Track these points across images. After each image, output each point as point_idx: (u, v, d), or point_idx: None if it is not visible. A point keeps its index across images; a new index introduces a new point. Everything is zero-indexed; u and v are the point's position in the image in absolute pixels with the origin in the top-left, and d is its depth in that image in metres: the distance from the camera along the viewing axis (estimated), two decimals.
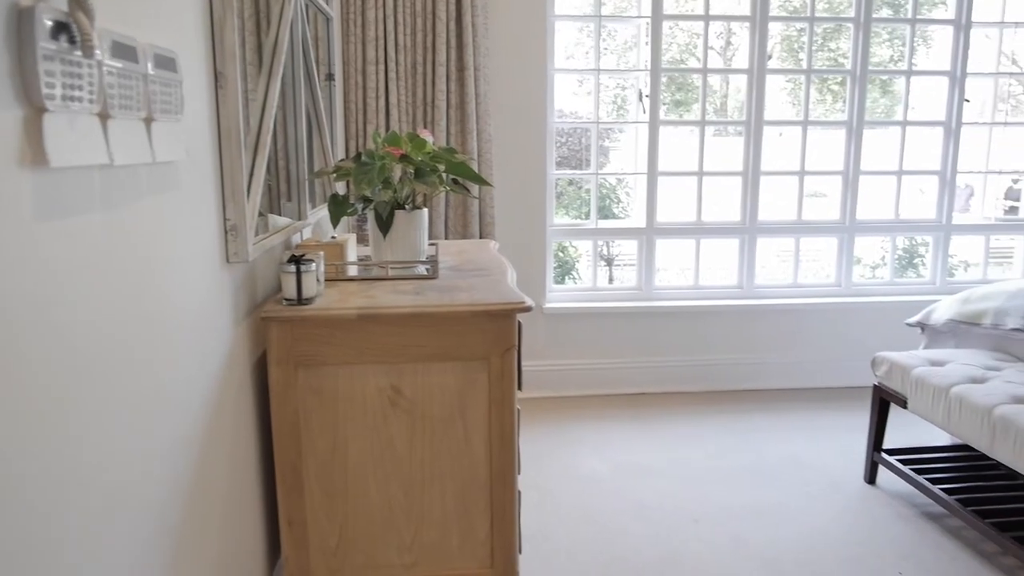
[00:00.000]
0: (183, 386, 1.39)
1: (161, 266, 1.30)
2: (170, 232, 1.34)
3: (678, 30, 6.02)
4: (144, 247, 1.23)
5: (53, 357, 0.96)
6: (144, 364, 1.22)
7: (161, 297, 1.30)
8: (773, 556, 2.47)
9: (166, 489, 1.31)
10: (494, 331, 1.84)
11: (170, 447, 1.33)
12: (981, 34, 4.10)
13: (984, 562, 2.44)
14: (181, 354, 1.38)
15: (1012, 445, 2.30)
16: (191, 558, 1.42)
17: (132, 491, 1.18)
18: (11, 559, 0.88)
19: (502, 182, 3.76)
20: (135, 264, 1.20)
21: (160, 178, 1.30)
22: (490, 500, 1.95)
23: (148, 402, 1.24)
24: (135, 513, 1.19)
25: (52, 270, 0.97)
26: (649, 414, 3.72)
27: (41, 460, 0.94)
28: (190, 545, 1.41)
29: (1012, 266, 4.42)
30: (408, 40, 3.45)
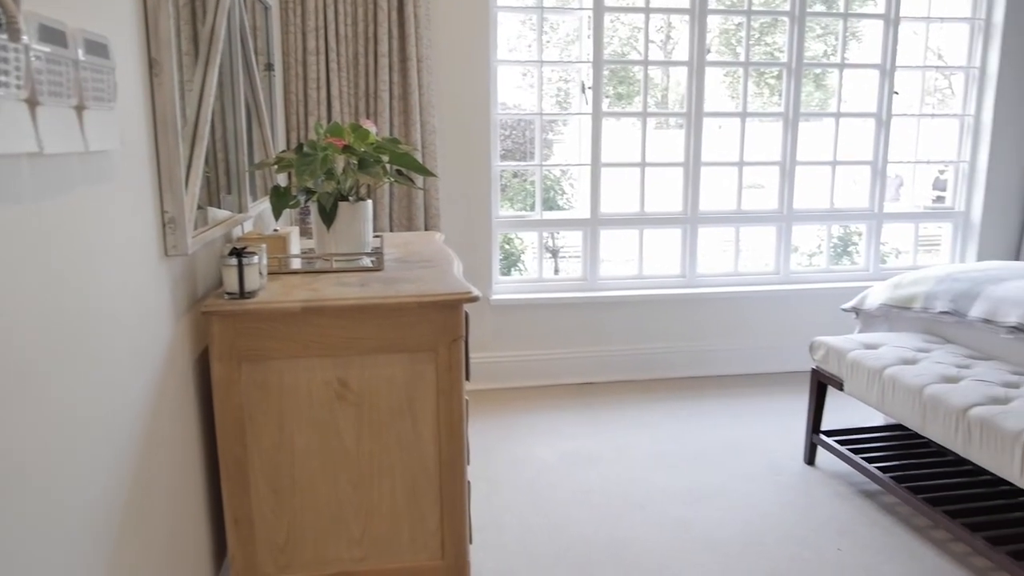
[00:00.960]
0: (120, 383, 1.35)
1: (95, 259, 1.26)
2: (105, 224, 1.30)
3: (619, 23, 6.08)
4: (77, 240, 1.19)
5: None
6: (77, 361, 1.19)
7: (96, 292, 1.26)
8: (718, 538, 2.53)
9: (103, 489, 1.27)
10: (441, 322, 1.84)
11: (106, 446, 1.29)
12: (909, 29, 4.25)
13: (917, 535, 2.54)
14: (117, 350, 1.34)
15: (942, 423, 2.39)
16: (132, 559, 1.38)
17: (65, 493, 1.14)
18: None
19: (447, 174, 3.75)
20: (67, 257, 1.16)
21: (93, 168, 1.26)
22: (440, 491, 1.95)
23: (81, 400, 1.20)
24: (69, 515, 1.15)
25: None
26: (596, 403, 3.76)
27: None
28: (131, 546, 1.38)
29: (940, 252, 4.60)
30: (350, 30, 3.41)
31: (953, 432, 2.34)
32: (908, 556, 2.42)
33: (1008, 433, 2.14)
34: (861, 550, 2.45)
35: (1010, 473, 2.15)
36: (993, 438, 2.19)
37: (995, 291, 2.74)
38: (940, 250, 4.61)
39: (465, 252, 3.83)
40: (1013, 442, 2.12)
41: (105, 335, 1.29)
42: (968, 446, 2.29)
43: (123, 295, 1.37)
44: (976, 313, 2.75)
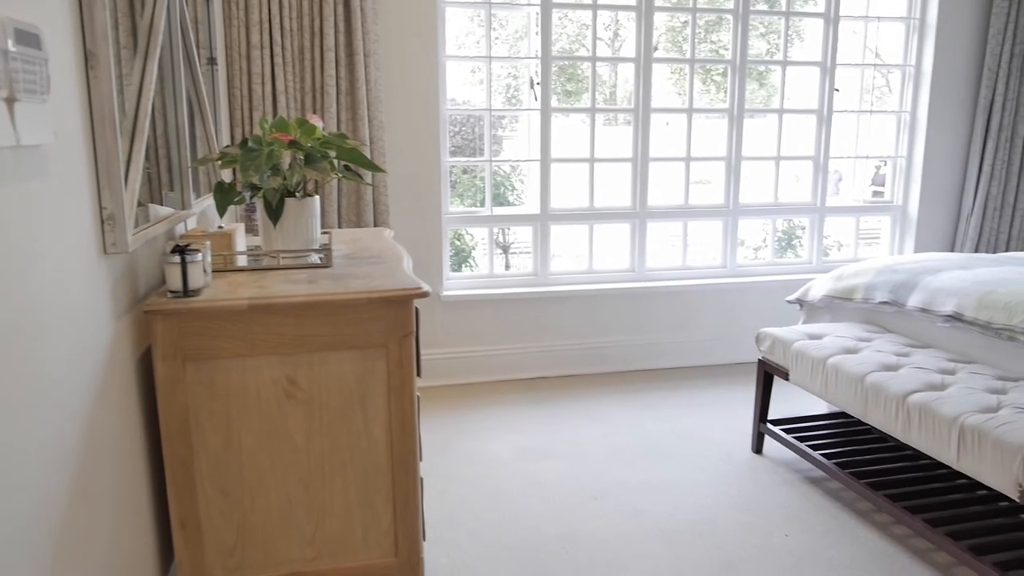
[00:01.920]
0: (56, 385, 1.31)
1: (28, 258, 1.22)
2: (38, 221, 1.26)
3: (568, 20, 6.11)
4: (7, 237, 1.15)
5: None
6: (9, 362, 1.14)
7: (28, 291, 1.21)
8: (670, 527, 2.57)
9: (38, 498, 1.23)
10: (391, 318, 1.82)
11: (44, 451, 1.25)
12: (848, 28, 4.36)
13: (861, 519, 2.61)
14: (53, 351, 1.30)
15: (883, 410, 2.47)
16: (74, 566, 1.34)
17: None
18: None
19: (396, 170, 3.72)
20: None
21: (26, 163, 1.21)
22: (392, 489, 1.93)
23: (12, 404, 1.16)
24: (2, 523, 1.11)
25: None
26: (548, 397, 3.78)
27: None
28: (71, 556, 1.33)
29: (880, 244, 4.74)
30: (295, 24, 3.35)
31: (893, 418, 2.42)
32: (852, 540, 2.49)
33: (945, 418, 2.22)
34: (808, 535, 2.51)
35: (947, 456, 2.22)
36: (931, 423, 2.27)
37: (931, 282, 2.83)
38: (880, 243, 4.74)
39: (415, 248, 3.81)
40: (949, 427, 2.20)
41: (39, 336, 1.24)
42: (908, 431, 2.37)
43: (59, 294, 1.33)
44: (914, 303, 2.84)
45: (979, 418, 2.14)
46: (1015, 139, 4.35)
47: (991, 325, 2.53)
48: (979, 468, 2.12)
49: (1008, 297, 2.54)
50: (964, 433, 2.15)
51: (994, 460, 2.06)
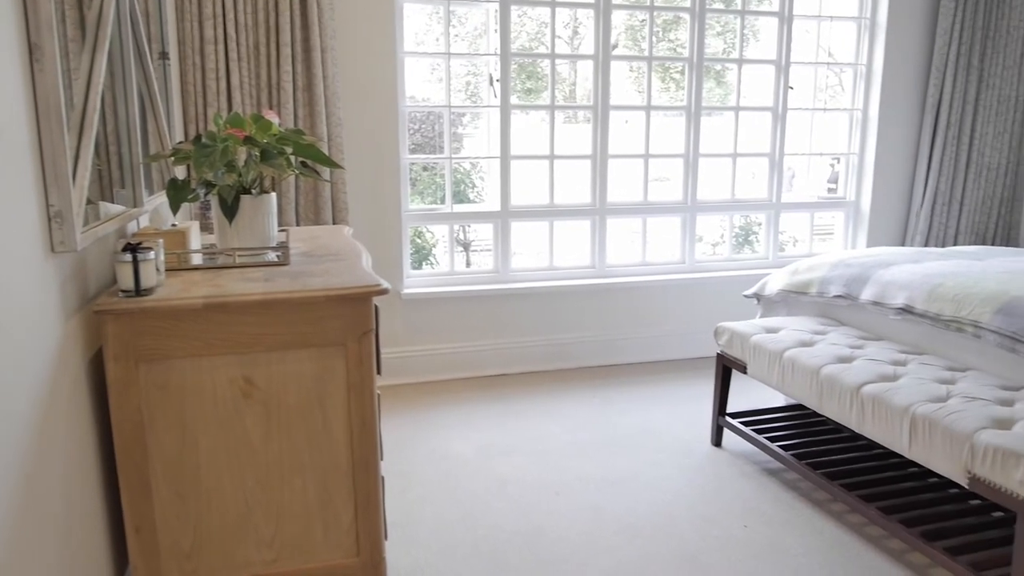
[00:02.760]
0: (1, 388, 1.27)
1: None
2: None
3: (527, 18, 6.11)
4: None
5: None
6: None
7: None
8: (631, 521, 2.59)
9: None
10: (350, 315, 1.81)
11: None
12: (802, 27, 4.43)
13: (817, 509, 2.66)
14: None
15: (837, 401, 2.52)
16: (21, 575, 1.30)
17: None
18: None
19: (355, 167, 3.69)
20: None
21: None
22: (353, 488, 1.91)
23: None
24: None
25: None
26: (510, 394, 3.78)
27: None
28: (19, 560, 1.29)
29: (833, 239, 4.83)
30: (249, 19, 3.30)
31: (848, 409, 2.47)
32: (809, 529, 2.53)
33: (897, 408, 2.27)
34: (766, 526, 2.56)
35: (899, 445, 2.28)
36: (883, 413, 2.32)
37: (883, 275, 2.90)
38: (834, 238, 4.84)
39: (375, 246, 3.78)
40: (901, 416, 2.25)
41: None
42: (861, 422, 2.42)
43: (3, 294, 1.29)
44: (867, 296, 2.90)
45: (929, 408, 2.20)
46: (962, 136, 4.47)
47: (940, 317, 2.59)
48: (930, 456, 2.17)
49: (956, 290, 2.61)
50: (915, 422, 2.20)
51: (944, 448, 2.11)
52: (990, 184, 4.59)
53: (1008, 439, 1.98)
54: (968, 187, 4.53)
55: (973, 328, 2.48)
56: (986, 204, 4.62)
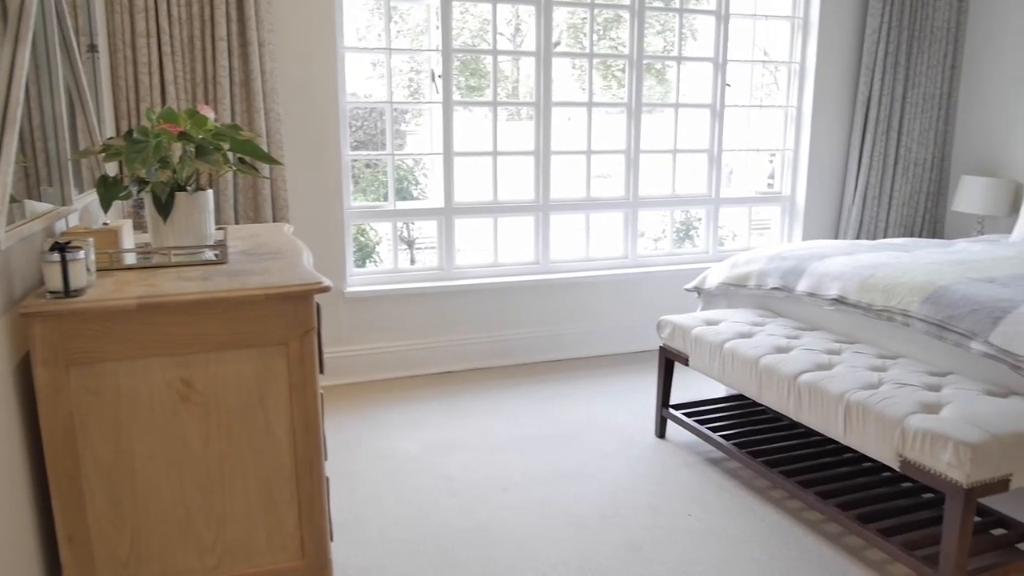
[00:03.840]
0: None
1: None
2: None
3: (469, 16, 6.10)
4: None
5: None
6: None
7: None
8: (578, 514, 2.61)
9: None
10: (291, 314, 1.78)
11: None
12: (739, 26, 4.52)
13: (758, 496, 2.73)
14: None
15: (775, 390, 2.58)
16: None
17: None
18: None
19: (295, 164, 3.63)
20: None
21: None
22: (297, 490, 1.88)
23: None
24: None
25: None
26: (456, 391, 3.77)
27: None
28: None
29: (771, 233, 4.95)
30: (183, 11, 3.21)
31: (785, 398, 2.53)
32: (751, 516, 2.59)
33: (832, 396, 2.34)
34: (709, 514, 2.61)
35: (835, 432, 2.35)
36: (820, 401, 2.39)
37: (818, 267, 2.98)
38: (771, 231, 4.96)
39: (317, 244, 3.73)
40: (836, 403, 2.32)
41: None
42: (799, 410, 2.49)
43: None
44: (802, 288, 2.98)
45: (862, 394, 2.27)
46: (890, 133, 4.62)
47: (872, 307, 2.68)
48: (863, 441, 2.24)
49: (886, 280, 2.70)
50: (849, 409, 2.28)
51: (876, 433, 2.19)
52: (917, 179, 4.76)
53: (936, 423, 2.06)
54: (897, 182, 4.69)
55: (902, 317, 2.57)
56: (913, 198, 4.79)
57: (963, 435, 1.98)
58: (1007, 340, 2.25)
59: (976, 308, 2.39)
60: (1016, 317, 2.28)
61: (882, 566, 2.31)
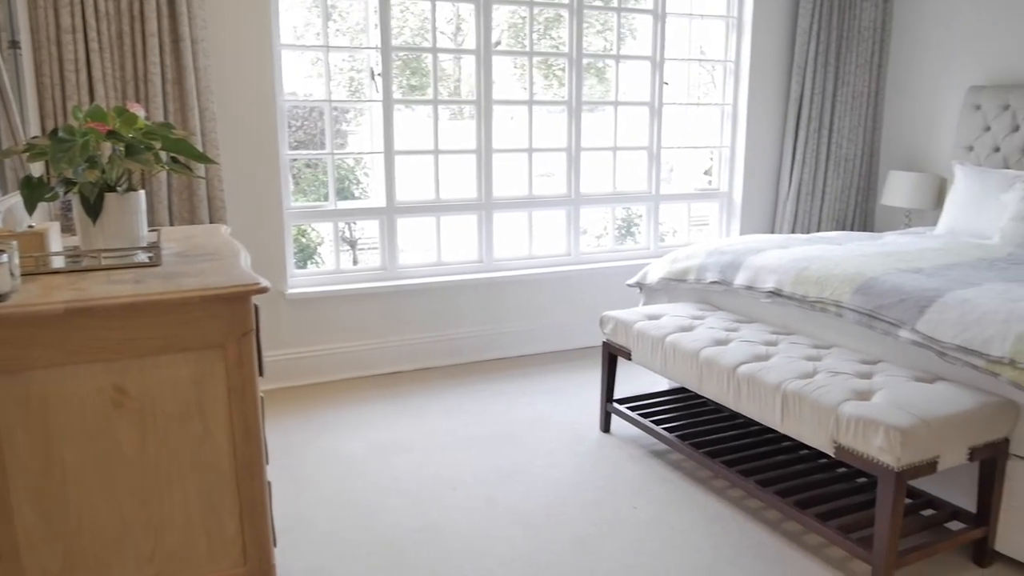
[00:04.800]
0: None
1: None
2: None
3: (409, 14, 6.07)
4: None
5: None
6: None
7: None
8: (525, 511, 2.62)
9: None
10: (228, 316, 1.74)
11: None
12: (676, 25, 4.60)
13: (701, 486, 2.78)
14: None
15: (715, 382, 2.64)
16: None
17: None
18: None
19: (232, 164, 3.55)
20: None
21: None
22: (238, 495, 1.85)
23: None
24: None
25: None
26: (403, 391, 3.75)
27: None
28: None
29: (709, 229, 5.05)
30: (111, 6, 3.11)
31: (725, 389, 2.59)
32: (694, 505, 2.64)
33: (769, 386, 2.40)
34: (654, 505, 2.65)
35: (773, 421, 2.41)
36: (758, 391, 2.45)
37: (755, 261, 3.05)
38: (710, 227, 5.06)
39: (256, 245, 3.66)
40: (773, 393, 2.38)
41: None
42: (738, 400, 2.54)
43: None
44: (740, 281, 3.05)
45: (798, 384, 2.34)
46: (822, 130, 4.76)
47: (806, 299, 2.76)
48: (800, 429, 2.31)
49: (819, 273, 2.78)
50: (786, 398, 2.34)
51: (812, 421, 2.25)
52: (848, 174, 4.91)
53: (868, 409, 2.13)
54: (829, 177, 4.83)
55: (835, 308, 2.65)
56: (845, 193, 4.94)
57: (893, 420, 2.05)
58: (932, 328, 2.34)
59: (904, 298, 2.48)
60: (941, 306, 2.38)
61: (819, 550, 2.39)
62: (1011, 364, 2.13)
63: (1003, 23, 4.22)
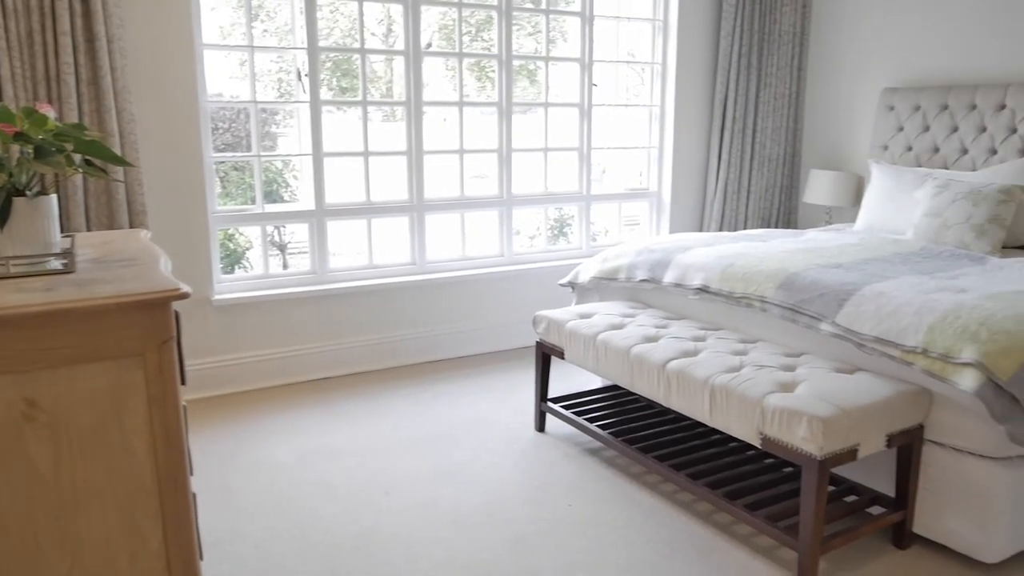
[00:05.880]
0: None
1: None
2: None
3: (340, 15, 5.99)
4: None
5: None
6: None
7: None
8: (461, 513, 2.61)
9: None
10: (147, 323, 1.68)
11: None
12: (604, 27, 4.66)
13: (634, 482, 2.82)
14: None
15: (646, 378, 2.68)
16: None
17: None
18: None
19: (153, 166, 3.44)
20: None
21: None
22: (161, 509, 1.78)
23: None
24: None
25: None
26: (336, 397, 3.69)
27: None
28: None
29: (640, 228, 5.13)
30: (19, 3, 2.97)
31: (656, 385, 2.63)
32: (628, 501, 2.68)
33: (698, 381, 2.45)
34: (589, 503, 2.67)
35: (702, 415, 2.46)
36: (687, 386, 2.49)
37: (683, 259, 3.11)
38: (640, 226, 5.14)
39: (180, 250, 3.56)
40: (702, 388, 2.43)
41: None
42: (668, 396, 2.59)
43: None
44: (669, 279, 3.10)
45: (725, 377, 2.39)
46: (746, 130, 4.89)
47: (732, 294, 2.83)
48: (728, 422, 2.36)
49: (744, 269, 2.85)
50: (714, 392, 2.39)
51: (739, 413, 2.31)
52: (772, 173, 5.06)
53: (791, 400, 2.19)
54: (754, 176, 4.97)
55: (760, 303, 2.72)
56: (769, 192, 5.09)
57: (815, 410, 2.12)
58: (851, 320, 2.43)
59: (824, 292, 2.57)
60: (858, 299, 2.47)
61: (749, 539, 2.45)
62: (924, 353, 2.23)
63: (914, 29, 4.41)
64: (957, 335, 2.20)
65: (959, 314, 2.26)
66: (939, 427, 2.30)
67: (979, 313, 2.26)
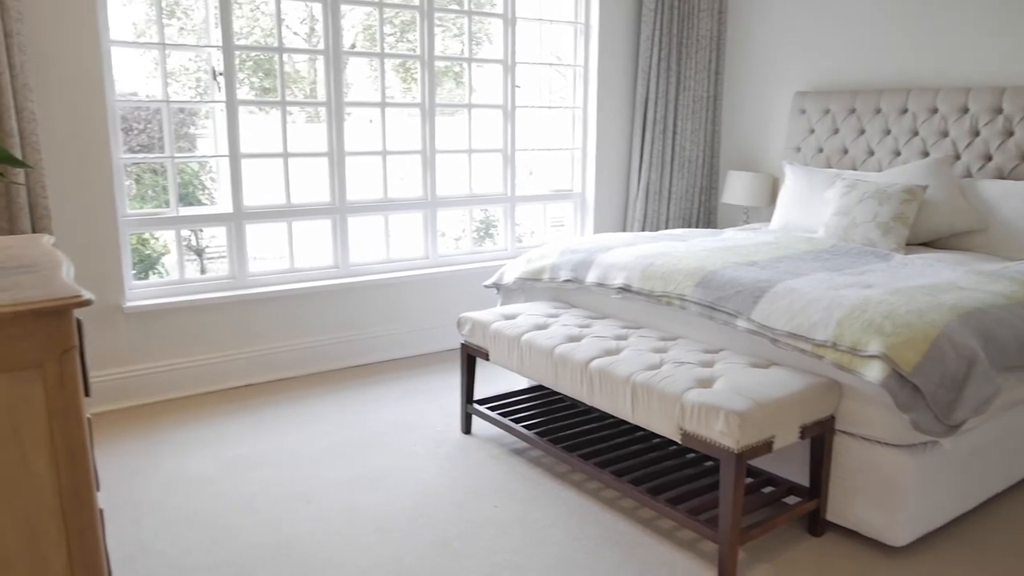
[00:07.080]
0: None
1: None
2: None
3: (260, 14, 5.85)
4: None
5: None
6: None
7: None
8: (386, 518, 2.58)
9: None
10: (46, 332, 1.60)
11: None
12: (527, 30, 4.68)
13: (560, 481, 2.84)
14: None
15: (570, 378, 2.70)
16: None
17: None
18: None
19: (57, 169, 3.28)
20: None
21: None
22: (64, 527, 1.70)
23: None
24: None
25: None
26: (257, 404, 3.60)
27: None
28: None
29: (565, 229, 5.18)
30: None
31: (579, 384, 2.65)
32: (554, 500, 2.69)
33: (620, 379, 2.48)
34: (515, 503, 2.67)
35: (624, 412, 2.49)
36: (610, 384, 2.52)
37: (605, 258, 3.15)
38: (565, 227, 5.18)
39: (88, 256, 3.41)
40: (624, 385, 2.46)
41: None
42: (592, 394, 2.61)
43: None
44: (591, 279, 3.13)
45: (646, 375, 2.43)
46: (667, 132, 4.99)
47: (653, 293, 2.87)
48: (649, 418, 2.40)
49: (664, 268, 2.90)
50: (636, 390, 2.42)
51: (660, 410, 2.35)
52: (692, 175, 5.17)
53: (709, 396, 2.24)
54: (674, 177, 5.07)
55: (679, 301, 2.78)
56: (689, 192, 5.21)
57: (732, 405, 2.17)
58: (766, 316, 2.50)
59: (740, 289, 2.64)
60: (772, 296, 2.54)
61: (672, 533, 2.49)
62: (833, 347, 2.31)
63: (823, 35, 4.58)
64: (863, 329, 2.29)
65: (865, 309, 2.36)
66: (849, 418, 2.39)
67: (884, 307, 2.35)
